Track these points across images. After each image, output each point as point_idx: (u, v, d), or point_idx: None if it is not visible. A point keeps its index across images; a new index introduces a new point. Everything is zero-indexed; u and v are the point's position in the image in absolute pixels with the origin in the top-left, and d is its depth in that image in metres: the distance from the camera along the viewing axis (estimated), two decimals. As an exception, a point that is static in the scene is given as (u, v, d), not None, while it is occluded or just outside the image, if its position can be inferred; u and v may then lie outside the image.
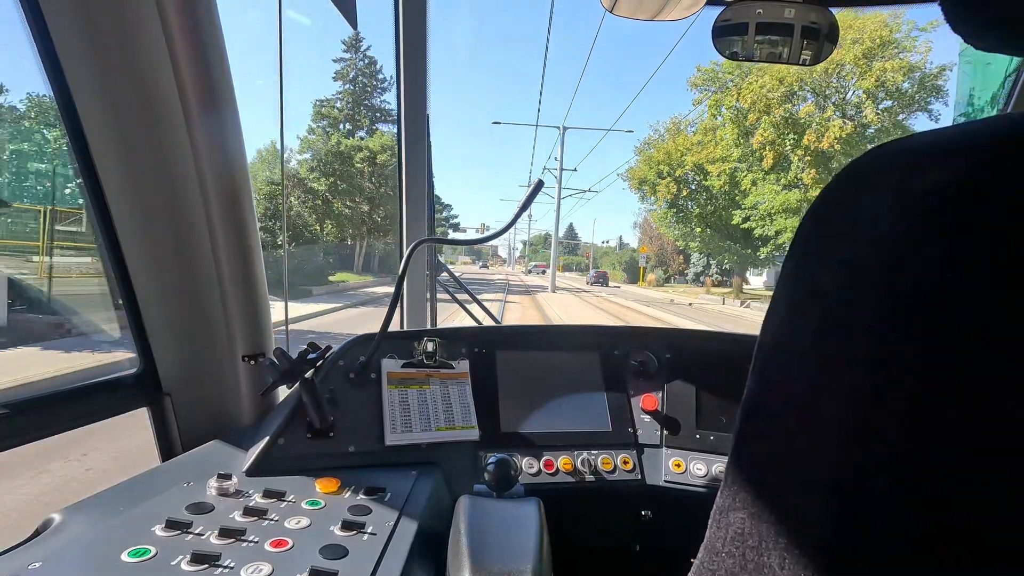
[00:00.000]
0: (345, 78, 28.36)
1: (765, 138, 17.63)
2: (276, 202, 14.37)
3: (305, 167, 20.78)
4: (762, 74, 17.53)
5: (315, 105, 27.13)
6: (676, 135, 24.09)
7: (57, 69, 0.78)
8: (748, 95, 17.94)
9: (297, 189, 18.66)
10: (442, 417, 1.02)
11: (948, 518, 0.26)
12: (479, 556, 0.64)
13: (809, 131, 16.55)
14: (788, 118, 17.09)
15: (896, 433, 0.28)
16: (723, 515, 0.37)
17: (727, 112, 19.48)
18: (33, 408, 0.80)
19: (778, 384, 0.35)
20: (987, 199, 0.27)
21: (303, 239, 19.10)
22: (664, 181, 23.04)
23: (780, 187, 17.75)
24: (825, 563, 0.30)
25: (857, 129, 15.78)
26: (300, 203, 18.94)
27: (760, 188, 18.44)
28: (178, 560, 0.58)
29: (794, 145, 17.02)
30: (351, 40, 28.00)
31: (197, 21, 0.84)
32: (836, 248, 0.33)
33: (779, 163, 17.85)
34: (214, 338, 0.98)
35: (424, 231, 1.59)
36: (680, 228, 24.40)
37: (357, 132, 26.29)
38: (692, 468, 1.09)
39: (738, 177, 19.54)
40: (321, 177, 20.11)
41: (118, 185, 0.85)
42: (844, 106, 16.79)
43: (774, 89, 17.25)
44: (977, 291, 0.26)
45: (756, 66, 16.29)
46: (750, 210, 19.03)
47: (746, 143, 18.84)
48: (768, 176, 18.21)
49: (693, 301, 23.05)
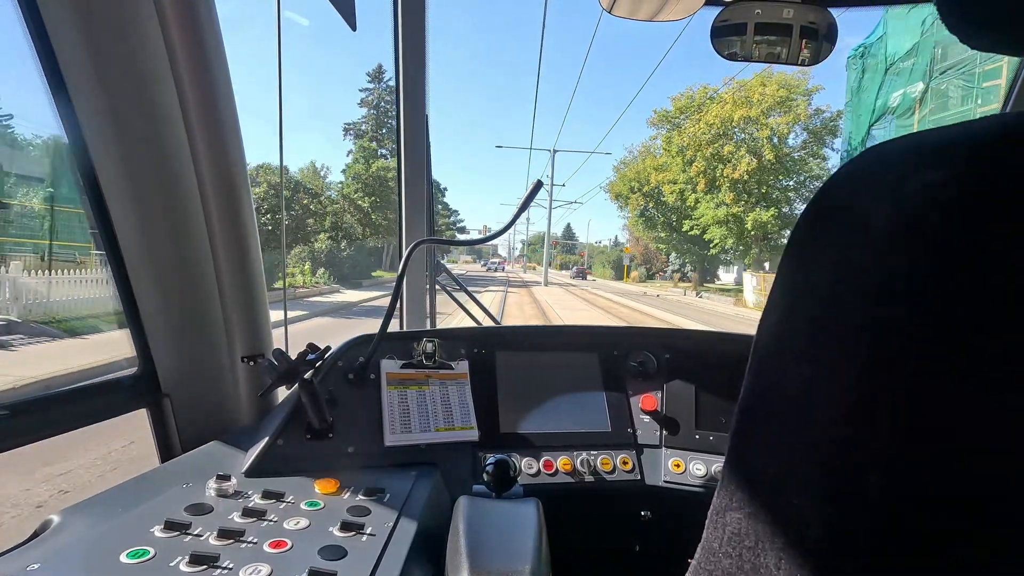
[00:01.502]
0: (370, 105, 35.37)
1: (699, 168, 24.26)
2: (338, 216, 19.70)
3: (350, 188, 26.10)
4: (698, 120, 24.48)
5: (344, 128, 35.11)
6: (646, 157, 30.96)
7: (56, 70, 0.78)
8: (687, 136, 24.80)
9: (351, 206, 24.37)
10: (441, 418, 1.02)
11: (941, 518, 0.27)
12: (477, 556, 0.64)
13: (727, 165, 23.06)
14: (715, 154, 23.62)
15: (889, 433, 0.28)
16: (720, 515, 0.37)
17: (674, 146, 26.02)
18: (32, 409, 0.80)
19: (773, 384, 0.35)
20: (980, 199, 0.27)
21: (354, 246, 23.78)
22: (634, 195, 30.18)
23: (713, 205, 24.13)
24: (820, 563, 0.30)
25: (762, 163, 22.37)
26: (352, 217, 23.85)
27: (701, 206, 24.94)
28: (177, 561, 0.58)
29: (719, 175, 23.70)
30: (375, 72, 34.61)
31: (196, 22, 0.84)
32: (830, 249, 0.33)
33: (711, 187, 24.33)
34: (213, 339, 0.98)
35: (423, 232, 1.59)
36: (648, 233, 32.29)
37: (380, 151, 31.54)
38: (691, 468, 1.08)
39: (685, 195, 26.05)
40: (365, 196, 25.31)
41: (117, 186, 0.85)
42: (752, 145, 23.09)
43: (706, 132, 23.95)
44: (970, 291, 0.26)
45: (695, 112, 24.83)
46: (695, 221, 25.72)
47: (688, 171, 25.22)
48: (704, 196, 24.71)
49: (661, 293, 28.92)
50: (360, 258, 24.38)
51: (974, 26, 0.37)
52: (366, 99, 35.48)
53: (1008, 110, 1.26)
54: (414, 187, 1.58)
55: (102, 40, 0.76)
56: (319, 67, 74.85)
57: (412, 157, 1.56)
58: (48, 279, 7.20)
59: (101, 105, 0.80)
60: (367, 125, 34.60)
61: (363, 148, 30.09)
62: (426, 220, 1.59)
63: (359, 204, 24.67)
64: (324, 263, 19.16)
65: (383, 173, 25.71)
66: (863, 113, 15.19)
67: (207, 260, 0.93)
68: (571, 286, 34.34)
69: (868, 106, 15.08)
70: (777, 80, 22.27)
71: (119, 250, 0.89)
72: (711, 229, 24.18)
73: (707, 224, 24.31)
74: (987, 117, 0.31)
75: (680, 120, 25.93)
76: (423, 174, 1.57)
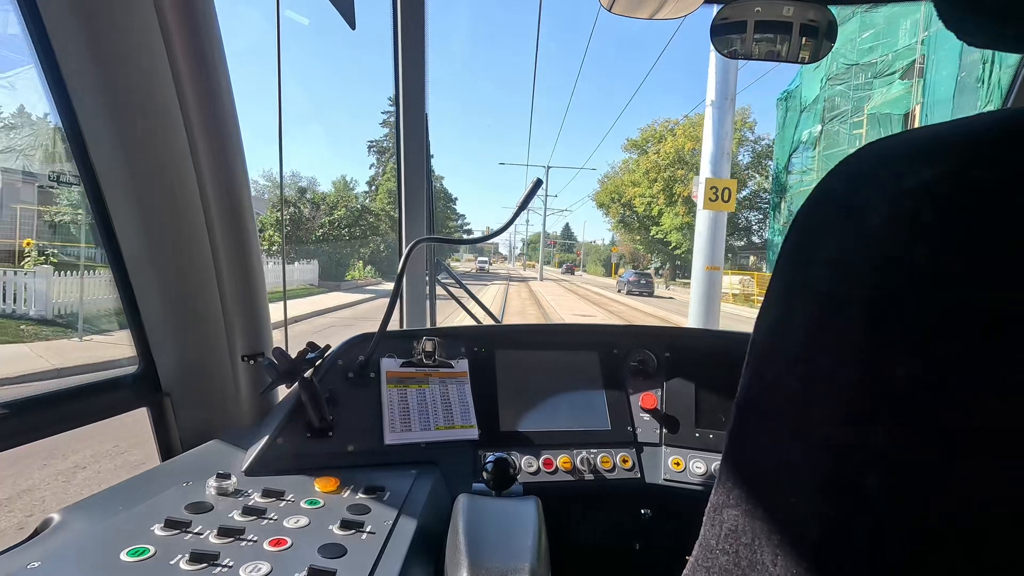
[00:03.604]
0: (392, 125, 40.83)
1: (659, 187, 31.67)
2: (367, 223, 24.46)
3: (382, 201, 30.70)
4: (658, 150, 32.09)
5: (368, 144, 41.53)
6: (624, 173, 38.01)
7: (56, 71, 0.78)
8: (650, 161, 32.25)
9: (387, 216, 27.90)
10: (441, 416, 1.02)
11: (940, 516, 0.26)
12: (477, 555, 0.64)
13: (680, 184, 29.66)
14: (671, 176, 30.67)
15: (887, 431, 0.28)
16: (717, 512, 0.37)
17: (641, 168, 33.73)
18: (31, 408, 0.80)
19: (771, 382, 0.35)
20: (976, 195, 0.27)
21: (391, 250, 27.47)
22: (615, 205, 37.79)
23: (672, 215, 31.08)
24: (817, 561, 0.30)
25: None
26: (386, 225, 27.41)
27: (664, 216, 32.04)
28: (177, 559, 0.58)
29: (675, 192, 30.56)
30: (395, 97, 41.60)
31: (196, 22, 0.84)
32: (827, 245, 0.33)
33: (669, 202, 31.29)
34: (213, 338, 0.99)
35: (423, 230, 1.59)
36: (627, 236, 40.56)
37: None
38: (691, 466, 1.09)
39: (652, 207, 33.21)
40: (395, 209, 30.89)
41: (118, 186, 0.85)
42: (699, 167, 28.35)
43: (665, 159, 31.38)
44: (970, 289, 0.26)
45: (656, 142, 33.31)
46: (660, 228, 32.87)
47: (652, 188, 32.63)
48: (666, 208, 31.84)
49: None
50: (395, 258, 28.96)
51: (972, 23, 0.37)
52: (388, 120, 41.29)
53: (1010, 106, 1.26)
54: (414, 186, 1.58)
55: (102, 40, 0.76)
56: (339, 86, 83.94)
57: (412, 157, 1.56)
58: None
59: (101, 105, 0.80)
60: (388, 143, 39.99)
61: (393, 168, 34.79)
62: (426, 219, 1.59)
63: (392, 215, 27.49)
64: (368, 261, 25.26)
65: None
66: (785, 144, 20.15)
67: (207, 259, 0.93)
68: (562, 280, 44.17)
69: (789, 138, 19.81)
70: (718, 118, 30.47)
71: (119, 249, 0.89)
72: (671, 234, 31.41)
73: (669, 230, 31.61)
74: (986, 113, 0.31)
75: (646, 147, 34.05)
76: (423, 173, 1.57)
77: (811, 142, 18.44)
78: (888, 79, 15.27)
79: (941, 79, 13.11)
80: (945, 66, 12.94)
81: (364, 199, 33.15)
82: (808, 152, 18.74)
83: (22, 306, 7.24)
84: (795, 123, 19.32)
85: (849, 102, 16.65)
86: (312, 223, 22.25)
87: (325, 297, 14.87)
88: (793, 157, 19.61)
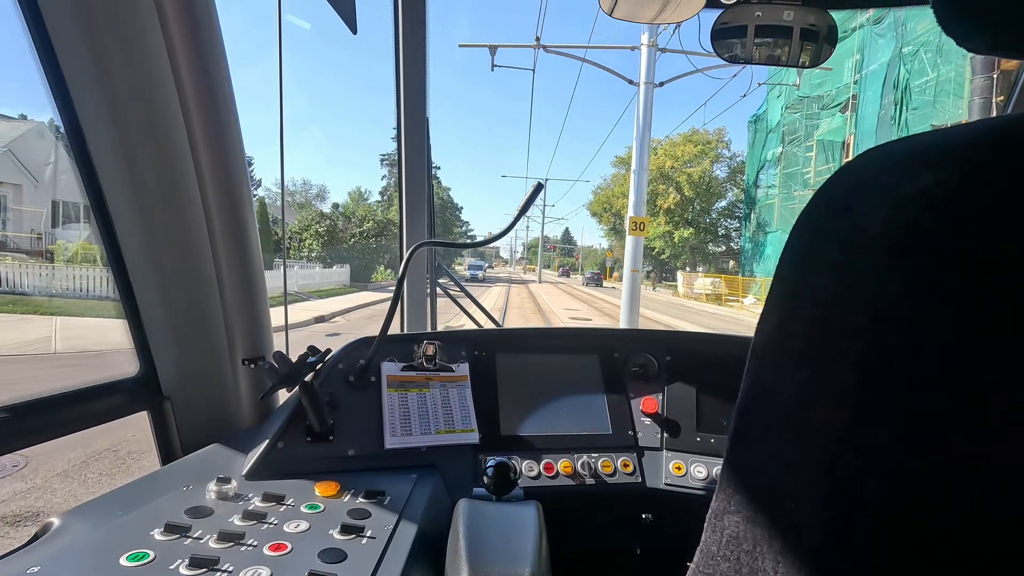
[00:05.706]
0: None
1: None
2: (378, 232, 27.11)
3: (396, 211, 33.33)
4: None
5: (380, 157, 43.51)
6: (616, 185, 40.50)
7: (57, 72, 0.78)
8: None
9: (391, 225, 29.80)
10: (442, 420, 1.02)
11: (939, 522, 0.26)
12: (477, 560, 0.64)
13: (661, 198, 33.29)
14: (653, 190, 33.05)
15: (886, 437, 0.28)
16: (718, 518, 0.37)
17: (628, 183, 36.31)
18: (32, 412, 0.80)
19: (771, 387, 0.35)
20: (974, 201, 0.27)
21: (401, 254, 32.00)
22: (606, 214, 41.64)
23: (655, 225, 33.63)
24: (818, 568, 0.30)
25: (683, 198, 32.97)
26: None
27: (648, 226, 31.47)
28: (177, 564, 0.58)
29: (657, 204, 33.88)
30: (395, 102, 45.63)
31: (196, 22, 0.84)
32: (828, 251, 0.33)
33: (652, 213, 33.72)
34: (214, 342, 0.98)
35: (424, 234, 1.59)
36: (618, 242, 43.07)
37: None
38: (692, 471, 1.08)
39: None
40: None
41: (118, 188, 0.85)
42: (677, 185, 33.38)
43: (650, 173, 35.29)
44: (968, 295, 0.26)
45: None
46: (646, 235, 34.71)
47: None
48: (650, 219, 36.23)
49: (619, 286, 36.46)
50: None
51: (971, 28, 0.37)
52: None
53: (1010, 111, 1.26)
54: (414, 189, 1.58)
55: (102, 40, 0.76)
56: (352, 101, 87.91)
57: (412, 159, 1.56)
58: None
59: (101, 106, 0.80)
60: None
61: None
62: (427, 222, 1.59)
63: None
64: (388, 265, 27.89)
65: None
66: (755, 162, 23.81)
67: (208, 262, 0.93)
68: (558, 283, 48.57)
69: (757, 157, 23.52)
70: (696, 139, 33.45)
71: (120, 252, 0.89)
72: (655, 241, 35.10)
73: (653, 238, 34.72)
74: (986, 119, 0.31)
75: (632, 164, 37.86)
76: (423, 176, 1.57)
77: (775, 161, 21.69)
78: (831, 111, 18.31)
79: (867, 115, 15.69)
80: (870, 104, 15.46)
81: (378, 208, 34.95)
82: (772, 170, 22.09)
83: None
84: (763, 143, 22.83)
85: (803, 129, 19.80)
86: (345, 233, 27.11)
87: (358, 295, 18.66)
88: (760, 174, 23.27)
